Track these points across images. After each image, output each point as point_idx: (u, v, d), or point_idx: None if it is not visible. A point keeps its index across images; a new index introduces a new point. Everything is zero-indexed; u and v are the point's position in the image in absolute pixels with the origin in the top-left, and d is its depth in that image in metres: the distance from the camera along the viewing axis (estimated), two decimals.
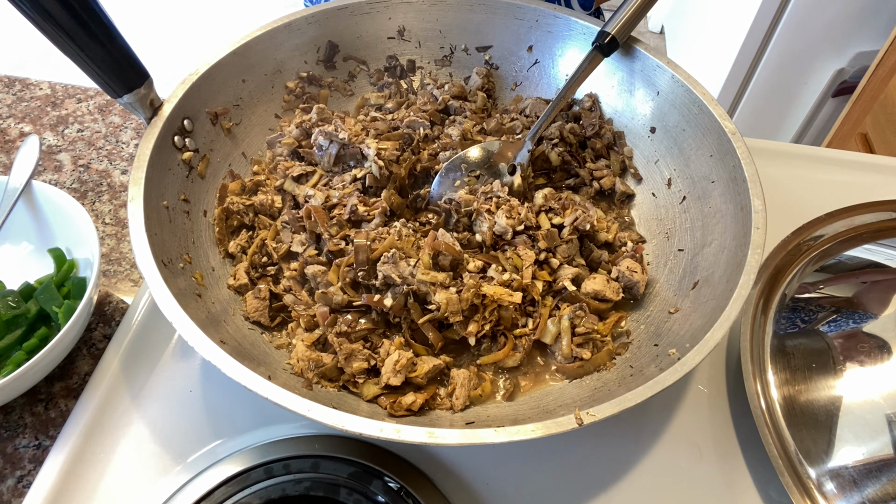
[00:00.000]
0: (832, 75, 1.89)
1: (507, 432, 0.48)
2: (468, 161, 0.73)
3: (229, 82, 0.74)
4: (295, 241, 0.67)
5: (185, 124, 0.68)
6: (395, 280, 0.61)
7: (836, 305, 0.66)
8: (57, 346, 0.59)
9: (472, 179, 0.72)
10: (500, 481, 0.59)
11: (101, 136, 0.89)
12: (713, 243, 0.66)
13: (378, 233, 0.64)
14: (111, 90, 0.62)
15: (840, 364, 0.61)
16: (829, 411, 0.59)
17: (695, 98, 0.71)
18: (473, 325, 0.61)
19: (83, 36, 0.57)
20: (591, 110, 0.82)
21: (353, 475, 0.56)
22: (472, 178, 0.72)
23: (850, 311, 0.65)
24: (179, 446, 0.60)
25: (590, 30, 0.79)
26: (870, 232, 0.73)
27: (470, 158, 0.73)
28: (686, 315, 0.62)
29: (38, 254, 0.72)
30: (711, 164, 0.70)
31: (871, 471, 0.55)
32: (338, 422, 0.48)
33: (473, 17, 0.83)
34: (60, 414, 0.63)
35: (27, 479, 0.59)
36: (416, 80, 0.86)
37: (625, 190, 0.77)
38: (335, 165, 0.72)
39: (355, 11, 0.81)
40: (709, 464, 0.61)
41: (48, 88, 0.95)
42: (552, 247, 0.68)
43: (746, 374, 0.62)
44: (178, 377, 0.65)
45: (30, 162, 0.74)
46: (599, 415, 0.49)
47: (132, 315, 0.68)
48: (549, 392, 0.62)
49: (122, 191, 0.83)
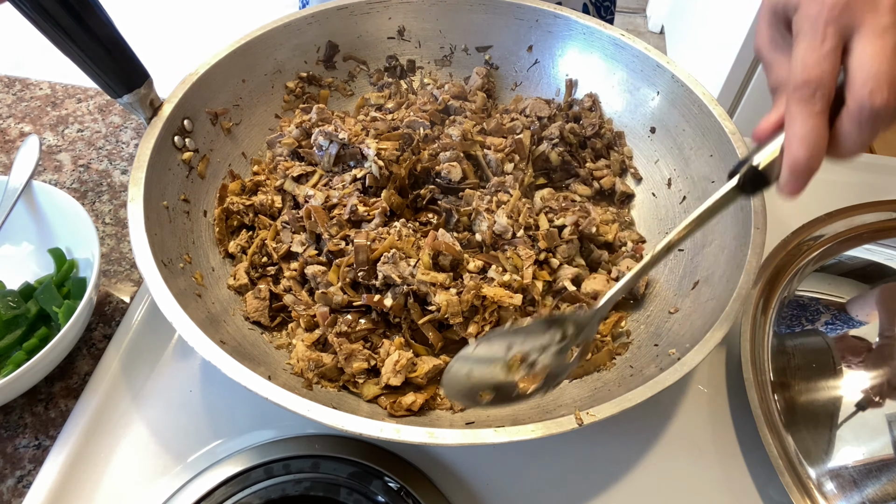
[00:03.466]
0: None
1: (507, 432, 0.48)
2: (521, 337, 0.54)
3: (229, 82, 0.74)
4: (295, 241, 0.67)
5: (185, 124, 0.68)
6: (395, 280, 0.61)
7: (836, 306, 0.66)
8: (57, 346, 0.59)
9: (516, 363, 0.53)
10: (500, 481, 0.59)
11: (101, 136, 0.89)
12: (713, 243, 0.66)
13: (378, 233, 0.64)
14: (111, 90, 0.62)
15: (840, 364, 0.61)
16: (829, 411, 0.59)
17: (695, 98, 0.71)
18: (473, 326, 0.61)
19: (83, 36, 0.57)
20: (591, 110, 0.82)
21: (353, 475, 0.56)
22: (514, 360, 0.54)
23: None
24: (179, 446, 0.60)
25: (590, 30, 0.79)
26: (870, 232, 0.73)
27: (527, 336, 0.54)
28: (686, 315, 0.62)
29: (38, 254, 0.72)
30: (712, 164, 0.70)
31: (871, 471, 0.55)
32: (338, 422, 0.48)
33: (473, 17, 0.83)
34: (60, 414, 0.63)
35: (27, 479, 0.59)
36: (416, 80, 0.86)
37: (625, 190, 0.77)
38: (335, 165, 0.72)
39: (355, 11, 0.81)
40: (709, 464, 0.61)
41: (48, 88, 0.95)
42: (552, 247, 0.68)
43: (746, 374, 0.62)
44: (178, 377, 0.65)
45: (30, 162, 0.74)
46: (599, 415, 0.49)
47: (132, 315, 0.68)
48: (549, 392, 0.62)
49: (122, 191, 0.83)
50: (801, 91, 0.42)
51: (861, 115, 0.41)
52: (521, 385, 0.52)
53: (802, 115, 0.42)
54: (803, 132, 0.42)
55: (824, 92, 0.41)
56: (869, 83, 0.40)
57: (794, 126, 0.42)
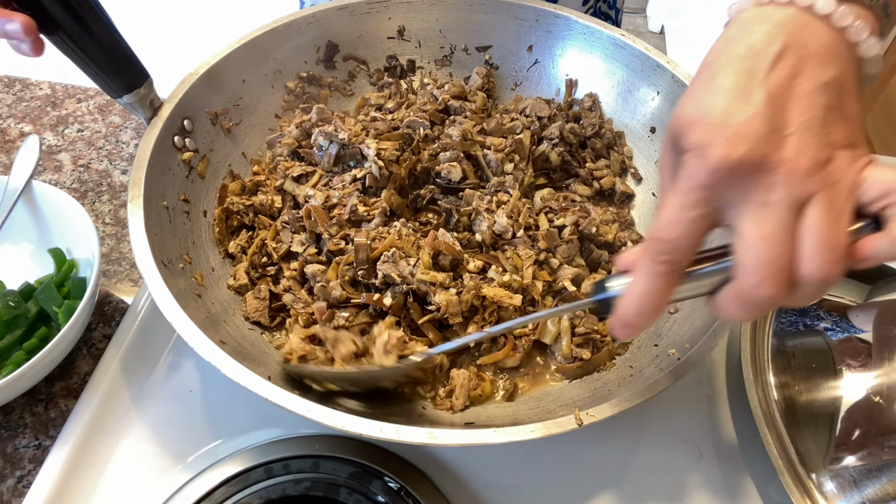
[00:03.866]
0: None
1: (506, 433, 0.48)
2: None
3: (229, 82, 0.74)
4: (295, 241, 0.67)
5: (185, 124, 0.68)
6: (394, 279, 0.61)
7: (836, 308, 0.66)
8: (57, 346, 0.59)
9: None
10: (499, 481, 0.59)
11: (101, 136, 0.89)
12: (714, 243, 0.66)
13: (378, 232, 0.64)
14: (111, 90, 0.62)
15: (840, 364, 0.61)
16: (829, 411, 0.59)
17: None
18: (473, 326, 0.61)
19: (83, 36, 0.57)
20: (591, 110, 0.82)
21: (353, 475, 0.56)
22: None
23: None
24: (179, 446, 0.60)
25: (589, 30, 0.79)
26: None
27: None
28: (686, 315, 0.62)
29: (38, 254, 0.72)
30: None
31: (871, 471, 0.55)
32: (338, 422, 0.48)
33: (473, 17, 0.83)
34: (60, 414, 0.63)
35: (27, 479, 0.59)
36: (416, 80, 0.86)
37: (625, 190, 0.77)
38: (335, 165, 0.72)
39: (355, 11, 0.81)
40: (709, 464, 0.61)
41: (48, 88, 0.95)
42: (552, 247, 0.68)
43: (746, 374, 0.62)
44: (178, 377, 0.65)
45: (30, 162, 0.74)
46: (599, 415, 0.49)
47: (132, 315, 0.68)
48: (549, 392, 0.62)
49: (122, 191, 0.83)
50: (653, 246, 0.38)
51: (745, 300, 0.37)
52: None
53: (645, 271, 0.38)
54: (640, 288, 0.39)
55: (675, 258, 0.37)
56: (758, 273, 0.35)
57: (635, 278, 0.39)
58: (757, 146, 0.35)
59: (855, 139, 0.37)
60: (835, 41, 0.37)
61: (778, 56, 0.36)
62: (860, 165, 0.37)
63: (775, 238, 0.35)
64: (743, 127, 0.35)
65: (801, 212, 0.35)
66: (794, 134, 0.35)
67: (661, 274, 0.38)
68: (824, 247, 0.35)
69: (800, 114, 0.35)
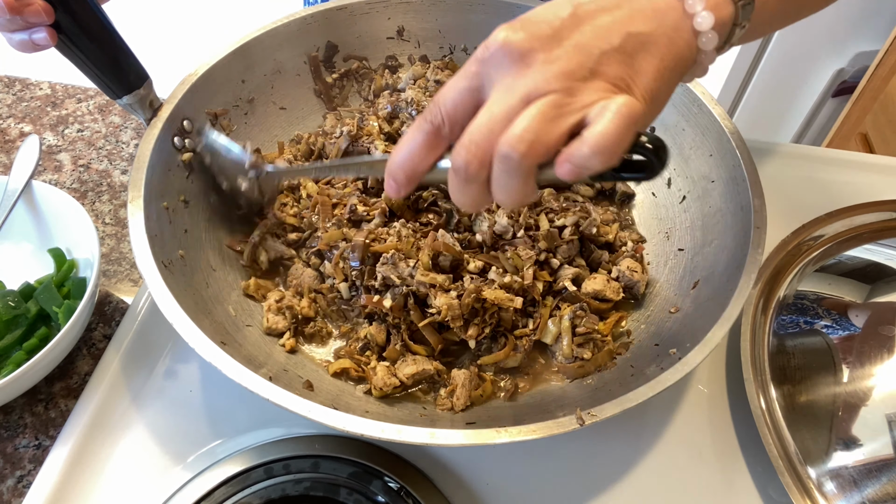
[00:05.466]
0: (832, 75, 1.89)
1: (508, 433, 0.48)
2: None
3: (229, 82, 0.74)
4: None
5: (184, 125, 0.68)
6: (394, 281, 0.61)
7: (836, 307, 0.66)
8: (57, 346, 0.59)
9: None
10: (500, 481, 0.59)
11: (101, 136, 0.89)
12: (713, 243, 0.66)
13: (378, 232, 0.64)
14: (111, 91, 0.62)
15: (840, 364, 0.61)
16: (829, 411, 0.59)
17: (694, 97, 0.71)
18: (473, 328, 0.61)
19: (83, 37, 0.57)
20: None
21: (353, 475, 0.56)
22: None
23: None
24: (179, 446, 0.60)
25: None
26: (870, 232, 0.73)
27: None
28: (686, 315, 0.62)
29: (38, 254, 0.72)
30: (711, 164, 0.70)
31: (871, 471, 0.55)
32: (338, 422, 0.48)
33: (473, 17, 0.83)
34: (60, 414, 0.63)
35: (27, 479, 0.59)
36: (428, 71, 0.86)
37: (625, 190, 0.77)
38: None
39: (355, 11, 0.81)
40: (709, 464, 0.61)
41: (48, 88, 0.95)
42: (552, 247, 0.68)
43: (746, 374, 0.62)
44: (178, 377, 0.65)
45: (30, 162, 0.74)
46: (600, 415, 0.49)
47: (132, 315, 0.68)
48: (550, 392, 0.62)
49: (122, 191, 0.83)
50: (426, 108, 0.43)
51: (456, 172, 0.40)
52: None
53: (413, 127, 0.43)
54: (404, 141, 0.43)
55: (437, 120, 0.41)
56: (465, 146, 0.39)
57: (405, 133, 0.43)
58: (531, 40, 0.39)
59: (626, 85, 0.39)
60: (667, 7, 0.41)
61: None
62: (607, 98, 0.38)
63: (496, 117, 0.38)
64: (531, 24, 0.39)
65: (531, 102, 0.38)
66: (568, 47, 0.39)
67: (424, 132, 0.42)
68: (524, 132, 0.37)
69: (585, 36, 0.39)
